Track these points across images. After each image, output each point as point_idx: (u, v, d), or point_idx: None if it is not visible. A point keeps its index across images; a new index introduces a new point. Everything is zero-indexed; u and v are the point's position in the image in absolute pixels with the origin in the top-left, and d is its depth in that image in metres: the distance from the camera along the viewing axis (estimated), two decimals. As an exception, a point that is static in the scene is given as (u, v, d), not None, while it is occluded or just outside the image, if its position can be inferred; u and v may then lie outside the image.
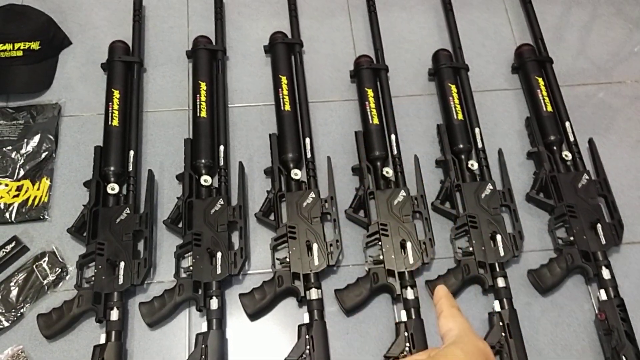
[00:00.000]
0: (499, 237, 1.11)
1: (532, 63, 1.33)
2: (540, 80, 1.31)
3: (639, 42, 1.46)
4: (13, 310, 1.05)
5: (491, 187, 1.16)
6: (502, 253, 1.10)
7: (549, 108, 1.27)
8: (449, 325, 0.58)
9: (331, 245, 1.09)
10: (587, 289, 1.12)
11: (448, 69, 1.31)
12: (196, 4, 1.43)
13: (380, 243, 1.10)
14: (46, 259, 1.10)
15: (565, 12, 1.50)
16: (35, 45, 1.30)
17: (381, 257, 1.09)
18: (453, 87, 1.29)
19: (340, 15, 1.45)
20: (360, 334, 1.07)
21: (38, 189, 1.18)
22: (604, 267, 1.09)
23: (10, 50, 1.28)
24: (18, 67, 1.29)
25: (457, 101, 1.27)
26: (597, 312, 1.08)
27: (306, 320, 1.04)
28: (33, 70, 1.30)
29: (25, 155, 1.21)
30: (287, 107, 1.24)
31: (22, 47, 1.29)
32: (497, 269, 1.08)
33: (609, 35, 1.47)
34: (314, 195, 1.14)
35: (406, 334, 1.02)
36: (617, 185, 1.20)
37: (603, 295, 1.07)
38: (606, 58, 1.43)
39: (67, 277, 1.10)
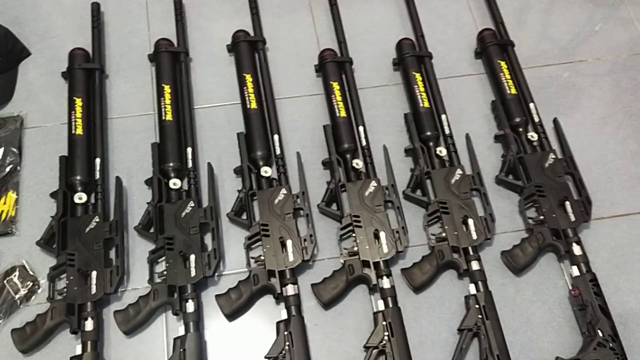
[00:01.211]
0: (470, 221, 1.12)
1: (494, 47, 1.34)
2: (503, 63, 1.32)
3: (600, 21, 1.48)
4: (-15, 328, 1.04)
5: (460, 172, 1.17)
6: (474, 237, 1.11)
7: (513, 91, 1.28)
8: None
9: (305, 240, 1.09)
10: (559, 267, 1.13)
11: (412, 57, 1.32)
12: (155, 6, 1.42)
13: (354, 235, 1.10)
14: (17, 273, 1.08)
15: (525, -5, 1.52)
16: (-7, 58, 1.27)
17: (356, 248, 1.09)
18: (418, 76, 1.29)
19: (301, 11, 1.44)
20: (339, 327, 1.07)
21: (4, 204, 1.16)
22: (574, 244, 1.10)
23: (-33, 65, 1.25)
24: (-24, 81, 1.26)
25: (422, 89, 1.27)
26: (570, 288, 1.09)
27: (284, 316, 1.03)
28: (-8, 83, 1.28)
29: (-11, 170, 1.19)
30: (254, 105, 1.23)
31: (-21, 61, 1.26)
32: (471, 253, 1.09)
33: (570, 16, 1.49)
34: (285, 192, 1.14)
35: (384, 322, 1.03)
36: (583, 162, 1.22)
37: (575, 272, 1.09)
38: (568, 38, 1.45)
39: (39, 290, 1.08)
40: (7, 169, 1.19)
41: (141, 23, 1.40)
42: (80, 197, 1.12)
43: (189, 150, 1.18)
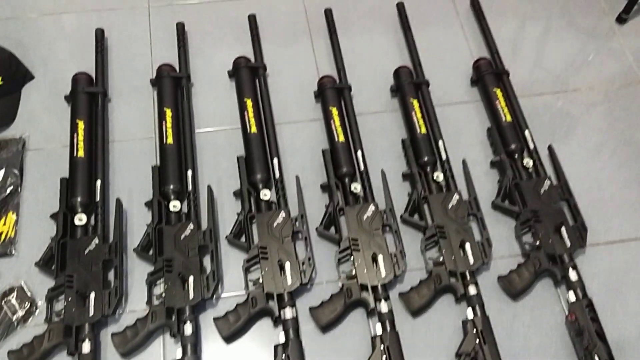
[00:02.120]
0: (468, 246, 1.13)
1: (489, 76, 1.37)
2: (498, 91, 1.35)
3: (592, 52, 1.52)
4: (-19, 349, 1.03)
5: (458, 197, 1.19)
6: (471, 261, 1.11)
7: (509, 118, 1.31)
8: None
9: (304, 263, 1.10)
10: (556, 292, 1.14)
11: (409, 84, 1.35)
12: (159, 32, 1.45)
13: (352, 258, 1.11)
14: (14, 294, 1.08)
15: (520, 25, 1.55)
16: (-3, 81, 1.29)
17: (354, 272, 1.10)
18: (415, 102, 1.32)
19: (302, 38, 1.47)
20: (336, 350, 1.07)
21: (4, 224, 1.16)
22: (570, 269, 1.11)
23: (-29, 87, 1.27)
24: (-20, 103, 1.28)
25: (419, 115, 1.30)
26: (567, 313, 1.10)
27: (282, 340, 1.03)
28: (-4, 105, 1.29)
29: (-11, 191, 1.20)
30: (254, 129, 1.25)
31: (-17, 83, 1.28)
32: (468, 277, 1.10)
33: (563, 46, 1.52)
34: (284, 215, 1.14)
35: (382, 347, 1.03)
36: (578, 189, 1.24)
37: (572, 297, 1.09)
38: (561, 68, 1.48)
39: (37, 312, 1.08)
40: (8, 190, 1.20)
41: (144, 48, 1.42)
42: (80, 219, 1.13)
43: (189, 173, 1.20)
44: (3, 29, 1.43)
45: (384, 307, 1.06)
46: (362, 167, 1.23)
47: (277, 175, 1.20)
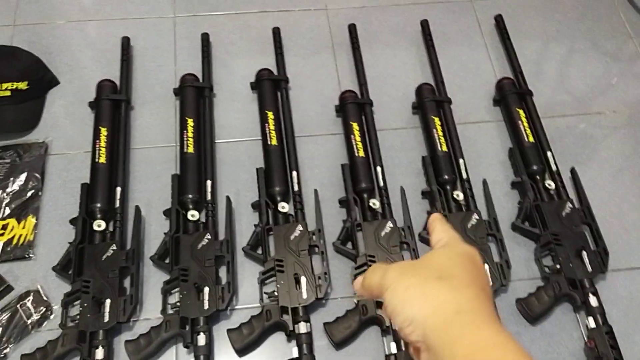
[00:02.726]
0: (486, 267, 1.11)
1: (512, 95, 1.36)
2: (521, 112, 1.34)
3: (616, 75, 1.51)
4: (-4, 351, 1.03)
5: (477, 217, 1.18)
6: (490, 282, 1.10)
7: (531, 139, 1.29)
8: (439, 236, 0.56)
9: (319, 278, 1.09)
10: (575, 317, 1.12)
11: (431, 102, 1.34)
12: (183, 42, 1.46)
13: (368, 275, 1.10)
14: (30, 298, 1.09)
15: (544, 47, 1.55)
16: (23, 85, 1.31)
17: (369, 289, 1.09)
18: (436, 120, 1.31)
19: (325, 52, 1.48)
20: (350, 368, 1.06)
21: (23, 228, 1.17)
22: (591, 295, 1.09)
23: (-2, 90, 1.29)
24: (5, 107, 1.29)
25: (440, 133, 1.29)
26: (586, 340, 1.08)
27: (295, 354, 1.02)
28: (20, 109, 1.31)
29: (11, 193, 1.21)
30: (274, 142, 1.25)
31: (9, 87, 1.30)
32: (486, 299, 1.08)
33: (587, 69, 1.51)
34: (301, 228, 1.14)
35: (395, 367, 1.01)
36: (600, 213, 1.22)
37: (592, 323, 1.07)
38: (585, 90, 1.47)
39: (52, 316, 1.08)
40: (29, 194, 1.21)
41: (169, 58, 1.44)
42: (99, 225, 1.13)
43: (209, 183, 1.20)
44: (31, 34, 1.45)
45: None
46: (381, 183, 1.22)
47: (296, 188, 1.20)
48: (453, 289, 0.47)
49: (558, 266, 1.13)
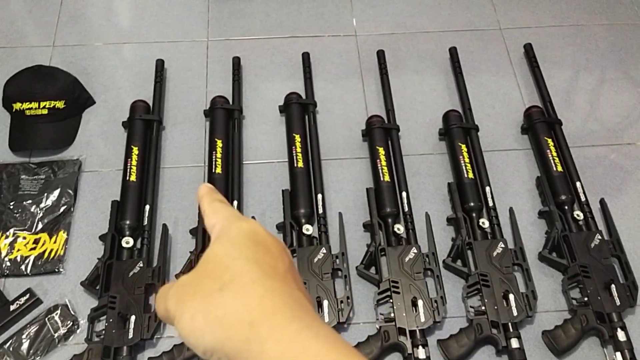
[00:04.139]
0: (511, 297, 1.10)
1: (541, 124, 1.36)
2: (549, 140, 1.33)
3: (648, 105, 1.49)
4: (23, 363, 1.05)
5: (503, 246, 1.16)
6: (515, 313, 1.08)
7: (559, 168, 1.28)
8: (211, 222, 0.47)
9: (342, 302, 1.09)
10: (602, 352, 1.09)
11: (458, 129, 1.34)
12: (215, 65, 1.50)
13: (391, 300, 1.10)
14: (58, 311, 1.11)
15: (574, 76, 1.54)
16: (60, 104, 1.35)
17: (392, 314, 1.08)
18: (463, 147, 1.31)
19: (353, 77, 1.50)
20: (370, 394, 1.05)
21: (55, 242, 1.20)
22: (619, 329, 1.07)
23: (36, 109, 1.33)
24: (43, 125, 1.34)
25: (467, 160, 1.29)
26: (614, 375, 1.05)
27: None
28: (57, 127, 1.35)
29: (44, 209, 1.24)
30: (300, 164, 1.27)
31: (47, 106, 1.34)
32: (511, 329, 1.07)
33: (618, 99, 1.50)
34: (325, 251, 1.15)
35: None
36: (630, 246, 1.20)
37: (619, 358, 1.05)
38: (615, 120, 1.45)
39: (78, 331, 1.10)
40: (61, 210, 1.24)
41: (200, 80, 1.47)
42: (127, 242, 1.16)
43: (235, 203, 1.22)
44: (70, 55, 1.51)
45: (421, 353, 1.04)
46: (406, 208, 1.22)
47: (321, 210, 1.21)
48: (238, 296, 0.39)
49: (586, 299, 1.11)
